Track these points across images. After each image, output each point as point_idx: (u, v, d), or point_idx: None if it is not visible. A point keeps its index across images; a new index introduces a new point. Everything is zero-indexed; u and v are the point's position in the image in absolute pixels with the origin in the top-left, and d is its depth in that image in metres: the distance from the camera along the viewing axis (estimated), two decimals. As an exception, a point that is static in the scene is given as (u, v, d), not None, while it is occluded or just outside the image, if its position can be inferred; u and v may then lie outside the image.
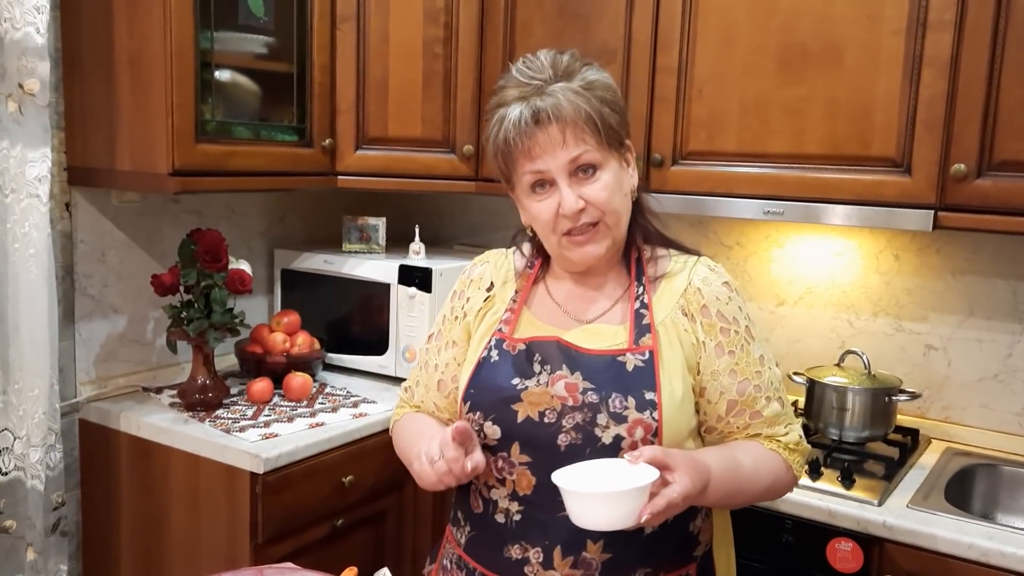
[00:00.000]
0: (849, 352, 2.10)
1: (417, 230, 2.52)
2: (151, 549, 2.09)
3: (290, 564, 1.46)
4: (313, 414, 2.15)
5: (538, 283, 1.38)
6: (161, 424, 2.03)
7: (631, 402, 1.22)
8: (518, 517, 1.27)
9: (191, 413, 2.10)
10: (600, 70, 1.28)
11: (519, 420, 1.26)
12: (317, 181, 2.32)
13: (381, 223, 2.59)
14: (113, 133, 1.99)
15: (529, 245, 1.40)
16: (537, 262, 1.39)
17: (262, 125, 2.16)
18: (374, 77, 2.31)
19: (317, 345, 2.44)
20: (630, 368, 1.24)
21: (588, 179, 1.23)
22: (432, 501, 2.27)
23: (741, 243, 2.40)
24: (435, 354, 1.44)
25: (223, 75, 2.07)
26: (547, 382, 1.26)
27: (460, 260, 2.48)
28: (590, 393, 1.24)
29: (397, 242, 2.63)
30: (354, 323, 2.52)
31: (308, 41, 2.21)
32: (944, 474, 1.93)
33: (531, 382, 1.27)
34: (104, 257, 2.19)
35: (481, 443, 1.28)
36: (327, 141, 2.28)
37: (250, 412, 2.13)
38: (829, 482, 1.82)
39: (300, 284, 2.57)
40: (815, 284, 2.32)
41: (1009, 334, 2.09)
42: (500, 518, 1.29)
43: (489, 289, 1.40)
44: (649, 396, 1.22)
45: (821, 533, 1.75)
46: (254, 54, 2.14)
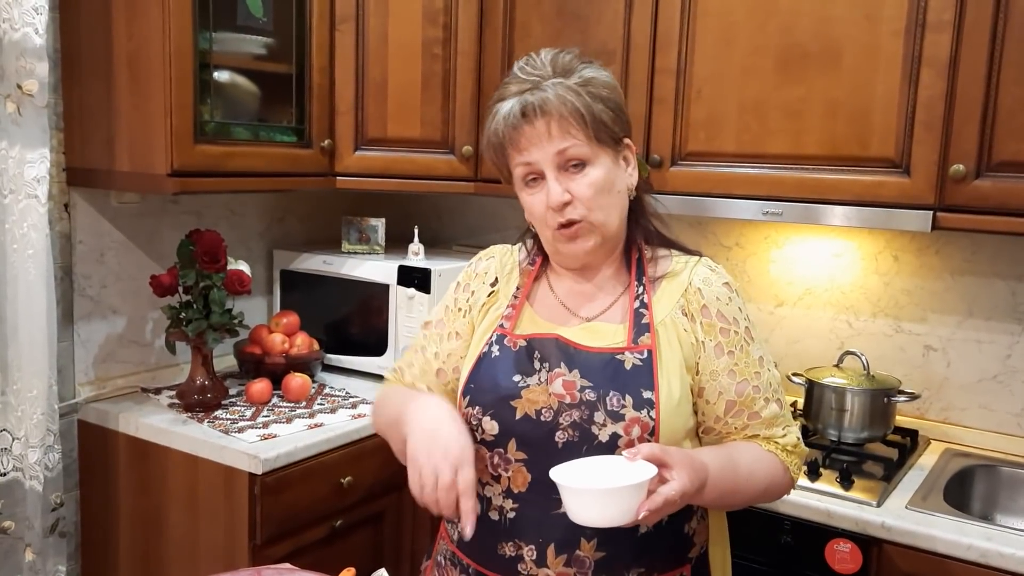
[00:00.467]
0: (848, 353, 2.10)
1: (416, 231, 2.52)
2: (150, 550, 2.09)
3: (288, 565, 1.46)
4: (312, 415, 2.15)
5: (540, 279, 1.39)
6: (160, 425, 2.03)
7: (628, 400, 1.22)
8: (512, 515, 1.27)
9: (190, 414, 2.10)
10: (600, 69, 1.28)
11: (517, 417, 1.26)
12: (316, 182, 2.32)
13: (380, 224, 2.59)
14: (112, 134, 1.99)
15: (532, 241, 1.41)
16: (539, 259, 1.39)
17: (261, 126, 2.16)
18: (373, 78, 2.31)
19: (316, 346, 2.44)
20: (628, 367, 1.24)
21: (576, 173, 1.24)
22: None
23: (740, 244, 2.40)
24: (435, 342, 1.43)
25: (222, 76, 2.07)
26: (546, 380, 1.26)
27: (459, 261, 2.48)
28: (588, 391, 1.24)
29: (396, 243, 2.63)
30: (353, 324, 2.52)
31: (307, 42, 2.21)
32: (943, 475, 1.92)
33: (532, 380, 1.27)
34: (103, 258, 2.19)
35: (479, 439, 1.29)
36: (326, 142, 2.28)
37: (249, 413, 2.13)
38: (828, 483, 1.82)
39: (299, 285, 2.57)
40: (814, 285, 2.32)
41: (1008, 335, 2.09)
42: (494, 515, 1.29)
43: (493, 284, 1.40)
44: (647, 395, 1.22)
45: (820, 534, 1.75)
46: (253, 55, 2.14)
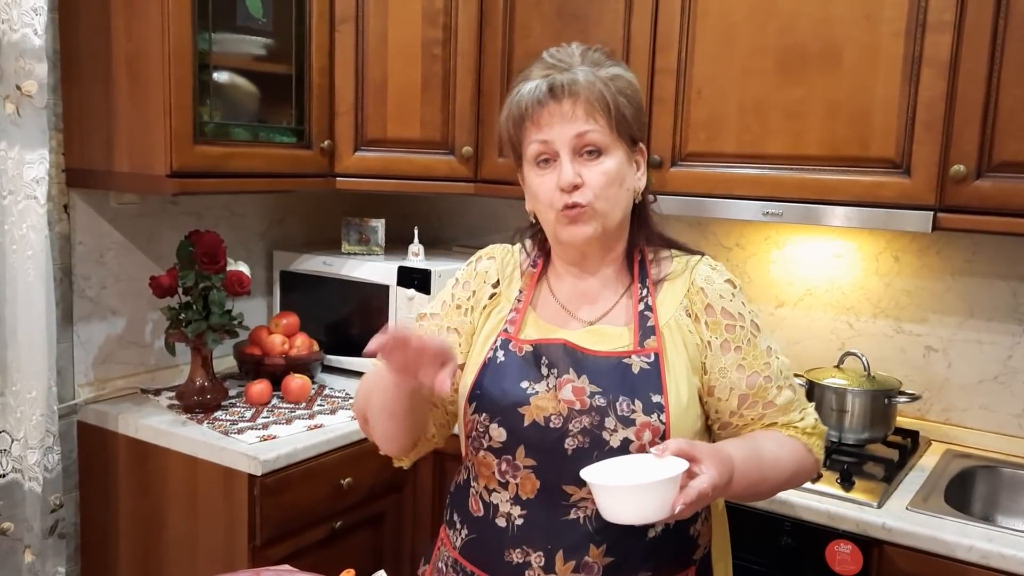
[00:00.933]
0: (849, 354, 2.10)
1: (416, 232, 2.52)
2: (149, 551, 2.09)
3: (287, 566, 1.46)
4: (312, 416, 2.15)
5: (541, 282, 1.37)
6: (159, 426, 2.03)
7: (638, 405, 1.21)
8: (520, 521, 1.26)
9: (189, 415, 2.10)
10: (626, 69, 1.29)
11: (525, 424, 1.25)
12: (316, 183, 2.31)
13: (380, 224, 2.58)
14: (111, 135, 1.98)
15: (531, 242, 1.39)
16: (540, 261, 1.38)
17: (260, 127, 2.16)
18: (373, 78, 2.31)
19: (316, 347, 2.44)
20: (636, 370, 1.24)
21: (591, 161, 1.24)
22: (431, 503, 2.27)
23: (741, 244, 2.40)
24: (432, 334, 1.40)
25: (221, 77, 2.06)
26: (555, 386, 1.25)
27: (459, 262, 2.46)
28: (597, 397, 1.23)
29: (396, 244, 2.63)
30: (353, 325, 2.52)
31: (307, 42, 2.21)
32: (944, 476, 1.92)
33: (540, 386, 1.26)
34: (102, 259, 2.19)
35: (486, 446, 1.28)
36: (326, 143, 2.28)
37: (248, 414, 2.13)
38: (828, 484, 1.81)
39: (299, 286, 2.56)
40: (815, 286, 2.31)
41: (1009, 335, 2.09)
42: (501, 522, 1.28)
43: (495, 286, 1.38)
44: (656, 399, 1.21)
45: (820, 535, 1.74)
46: (252, 55, 2.14)
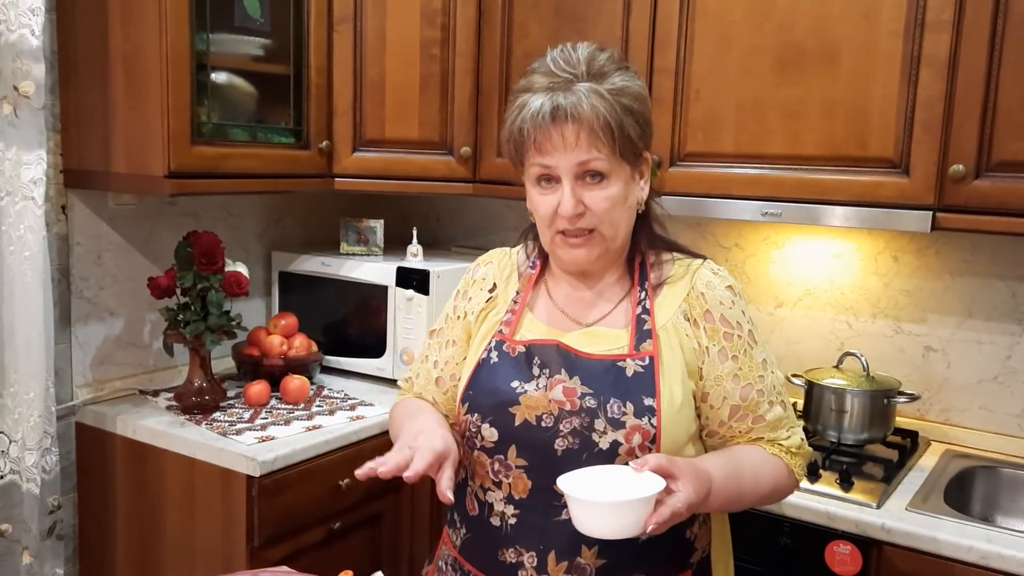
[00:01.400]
0: (848, 354, 2.09)
1: (415, 232, 2.51)
2: (147, 552, 2.08)
3: (285, 568, 1.46)
4: (310, 417, 2.14)
5: (539, 284, 1.38)
6: (157, 427, 2.03)
7: (629, 408, 1.21)
8: (513, 521, 1.27)
9: (187, 416, 2.09)
10: (634, 77, 1.25)
11: (516, 424, 1.25)
12: (314, 183, 2.31)
13: (379, 225, 2.58)
14: (109, 135, 1.98)
15: (532, 244, 1.40)
16: (539, 263, 1.38)
17: (258, 127, 2.16)
18: (371, 79, 2.31)
19: (314, 347, 2.43)
20: (630, 373, 1.23)
21: (594, 185, 1.22)
22: (429, 504, 2.26)
23: (740, 244, 2.40)
24: (436, 350, 1.44)
25: (219, 77, 2.06)
26: (545, 386, 1.25)
27: (458, 262, 2.47)
28: (588, 398, 1.23)
29: (395, 244, 2.63)
30: (352, 325, 2.52)
31: (305, 43, 2.21)
32: (943, 476, 1.92)
33: (530, 386, 1.26)
34: (100, 260, 2.19)
35: (479, 445, 1.29)
36: (324, 143, 2.28)
37: (247, 415, 2.13)
38: (828, 484, 1.81)
39: (298, 286, 2.56)
40: (814, 286, 2.31)
41: (1008, 335, 2.08)
42: (495, 521, 1.28)
43: (491, 290, 1.39)
44: (648, 402, 1.21)
45: (819, 536, 1.74)
46: (250, 56, 2.14)
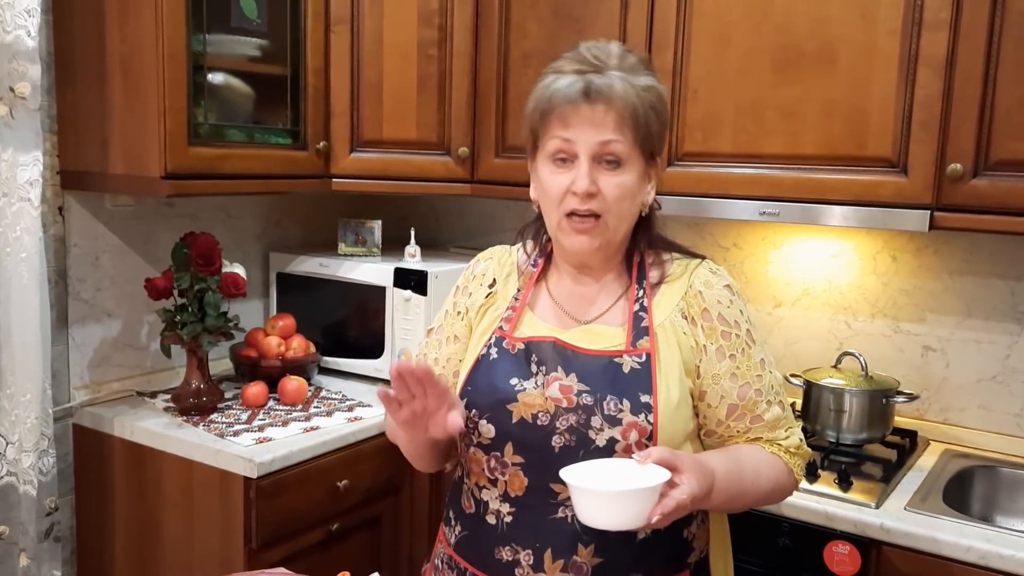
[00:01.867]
0: (846, 354, 2.09)
1: (413, 233, 2.51)
2: (145, 554, 2.08)
3: (283, 569, 1.45)
4: (308, 418, 2.14)
5: (540, 282, 1.38)
6: (155, 429, 2.02)
7: (626, 405, 1.21)
8: (509, 519, 1.26)
9: (185, 417, 2.09)
10: (659, 80, 1.28)
11: (513, 421, 1.25)
12: (312, 184, 2.31)
13: (377, 226, 2.58)
14: (105, 136, 1.98)
15: (532, 242, 1.40)
16: (540, 261, 1.38)
17: (256, 128, 2.15)
18: (368, 79, 2.30)
19: (312, 349, 2.43)
20: (626, 370, 1.23)
21: (609, 170, 1.23)
22: (428, 505, 2.26)
23: (738, 244, 2.39)
24: (436, 348, 1.43)
25: (216, 78, 2.06)
26: (543, 383, 1.25)
27: (456, 263, 2.47)
28: (585, 395, 1.23)
29: (393, 245, 2.62)
30: (350, 326, 2.51)
31: (302, 43, 2.20)
32: (942, 476, 1.91)
33: (528, 383, 1.26)
34: (98, 261, 2.18)
35: (476, 442, 1.29)
36: (321, 144, 2.27)
37: (244, 416, 2.12)
38: (826, 484, 1.80)
39: (295, 287, 2.56)
40: (812, 285, 2.31)
41: (1007, 335, 2.08)
42: (491, 519, 1.28)
43: (491, 286, 1.39)
44: (644, 399, 1.21)
45: (818, 536, 1.73)
46: (247, 56, 2.13)
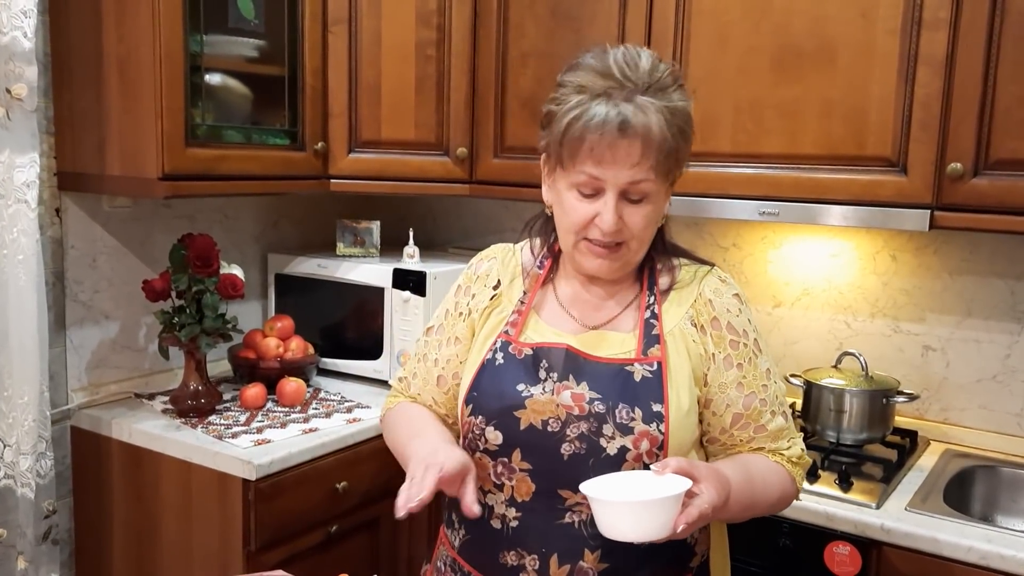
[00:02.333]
0: (846, 354, 2.09)
1: (411, 234, 2.50)
2: (144, 557, 2.07)
3: (282, 572, 1.45)
4: (307, 419, 2.13)
5: (547, 284, 1.35)
6: (153, 431, 2.02)
7: (638, 413, 1.20)
8: (515, 524, 1.25)
9: (183, 419, 2.08)
10: (686, 95, 1.22)
11: (522, 428, 1.24)
12: (310, 185, 2.30)
13: (375, 227, 2.57)
14: (103, 138, 1.97)
15: (540, 240, 1.37)
16: (547, 263, 1.35)
17: (253, 129, 2.15)
18: (366, 80, 2.30)
19: (311, 350, 2.42)
20: (638, 378, 1.22)
21: (635, 203, 1.21)
22: (427, 507, 2.24)
23: (737, 244, 2.39)
24: (435, 348, 1.41)
25: (213, 79, 2.05)
26: (552, 390, 1.24)
27: (455, 264, 2.46)
28: (597, 403, 1.21)
29: (391, 246, 2.62)
30: (348, 327, 2.51)
31: (300, 44, 2.20)
32: (943, 476, 1.91)
33: (536, 389, 1.24)
34: (95, 263, 2.18)
35: (482, 448, 1.27)
36: (319, 144, 2.27)
37: (243, 418, 2.12)
38: (827, 485, 1.80)
39: (294, 289, 2.55)
40: (812, 285, 2.30)
41: (1007, 334, 2.08)
42: (496, 524, 1.27)
43: (496, 287, 1.37)
44: (656, 408, 1.20)
45: (819, 537, 1.73)
46: (245, 57, 2.13)
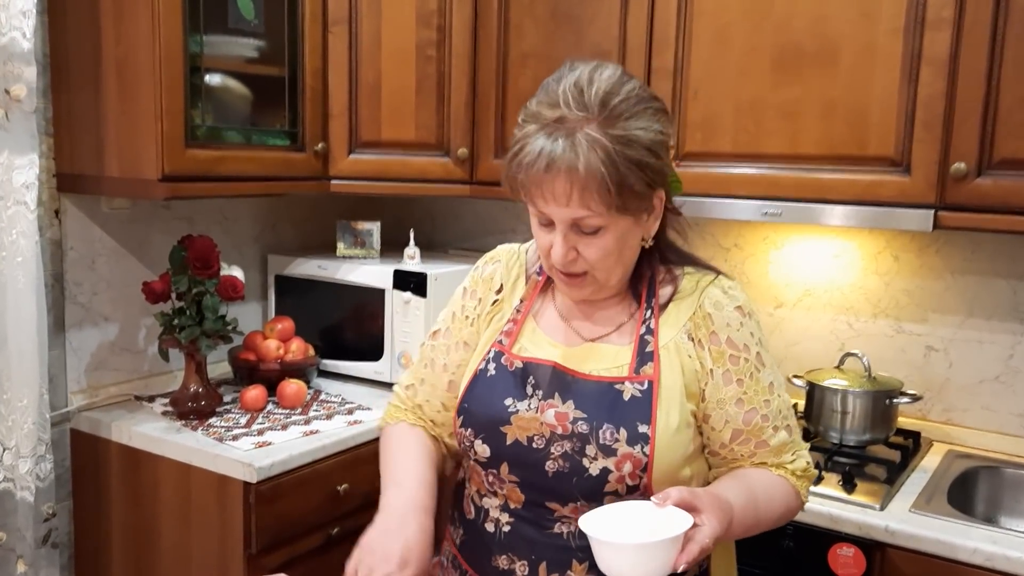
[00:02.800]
0: (849, 354, 2.08)
1: (412, 234, 2.49)
2: (143, 560, 2.06)
3: (283, 575, 1.44)
4: (307, 421, 2.12)
5: (546, 291, 1.33)
6: (153, 433, 2.01)
7: (623, 434, 1.18)
8: (507, 528, 1.25)
9: (183, 422, 2.07)
10: (655, 117, 1.14)
11: (508, 443, 1.23)
12: (310, 186, 2.29)
13: (375, 228, 2.56)
14: (102, 139, 1.96)
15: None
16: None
17: (253, 130, 2.14)
18: (367, 80, 2.29)
19: (311, 352, 2.41)
20: (627, 397, 1.20)
21: (588, 236, 1.16)
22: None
23: (739, 245, 2.38)
24: (443, 353, 1.38)
25: (213, 79, 2.04)
26: (537, 408, 1.22)
27: (455, 265, 2.46)
28: (580, 423, 1.19)
29: (391, 247, 2.61)
30: (349, 329, 2.50)
31: (299, 44, 2.19)
32: (946, 477, 1.90)
33: (522, 405, 1.23)
34: (94, 265, 2.17)
35: (473, 458, 1.27)
36: (320, 145, 2.26)
37: (243, 420, 2.11)
38: (830, 486, 1.79)
39: (294, 290, 2.54)
40: (814, 286, 2.30)
41: (1010, 334, 2.07)
42: (490, 527, 1.27)
43: (499, 292, 1.35)
44: (643, 429, 1.18)
45: (822, 539, 1.72)
46: (244, 58, 2.12)
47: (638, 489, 1.18)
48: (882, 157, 1.84)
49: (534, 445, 1.21)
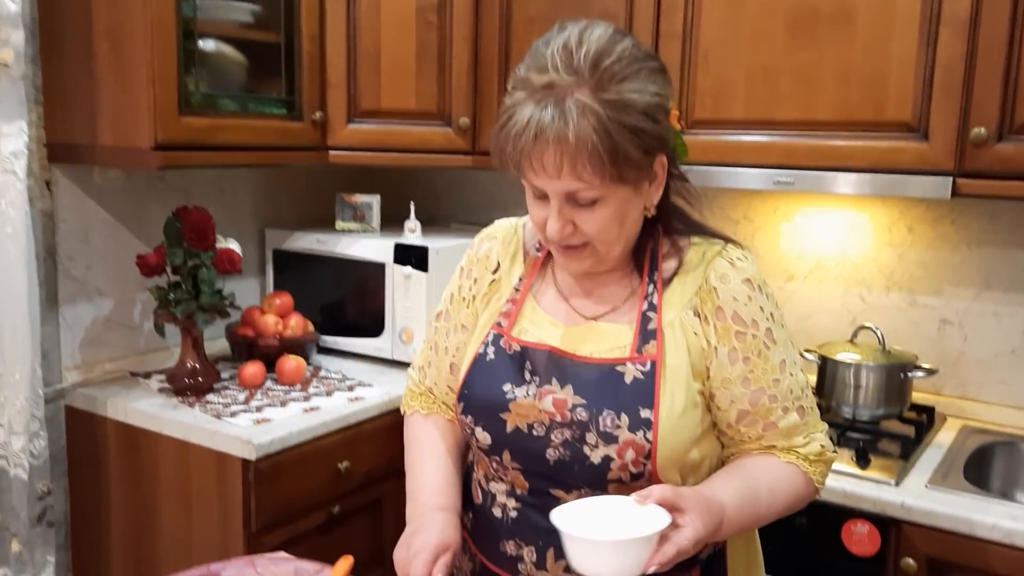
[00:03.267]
0: (863, 327, 2.03)
1: (412, 207, 2.44)
2: (141, 539, 2.02)
3: (284, 553, 1.40)
4: (307, 398, 2.08)
5: (545, 268, 1.28)
6: (149, 410, 1.96)
7: (624, 420, 1.12)
8: (514, 514, 1.22)
9: (180, 398, 2.03)
10: (651, 77, 1.08)
11: (508, 430, 1.19)
12: (307, 156, 2.24)
13: (375, 201, 2.51)
14: (93, 107, 1.90)
15: None
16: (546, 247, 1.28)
17: (249, 98, 2.08)
18: (365, 47, 2.23)
19: (311, 327, 2.37)
20: (628, 380, 1.14)
21: (584, 207, 1.11)
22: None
23: (748, 216, 2.33)
24: (444, 335, 1.35)
25: (207, 45, 1.98)
26: (535, 395, 1.18)
27: (457, 239, 2.40)
28: (580, 410, 1.15)
29: (392, 221, 2.55)
30: (349, 304, 2.45)
31: (296, 9, 2.13)
32: (962, 453, 1.86)
33: (520, 391, 1.19)
34: (87, 237, 2.11)
35: (476, 445, 1.24)
36: (317, 114, 2.20)
37: (242, 397, 2.06)
38: (843, 462, 1.75)
39: (292, 265, 2.49)
40: (825, 258, 2.24)
41: (1027, 307, 2.03)
42: (497, 512, 1.24)
43: (495, 271, 1.30)
44: (645, 414, 1.12)
45: (836, 515, 1.68)
46: (239, 23, 2.06)
47: (643, 476, 1.13)
48: (899, 122, 1.79)
49: (534, 432, 1.17)
